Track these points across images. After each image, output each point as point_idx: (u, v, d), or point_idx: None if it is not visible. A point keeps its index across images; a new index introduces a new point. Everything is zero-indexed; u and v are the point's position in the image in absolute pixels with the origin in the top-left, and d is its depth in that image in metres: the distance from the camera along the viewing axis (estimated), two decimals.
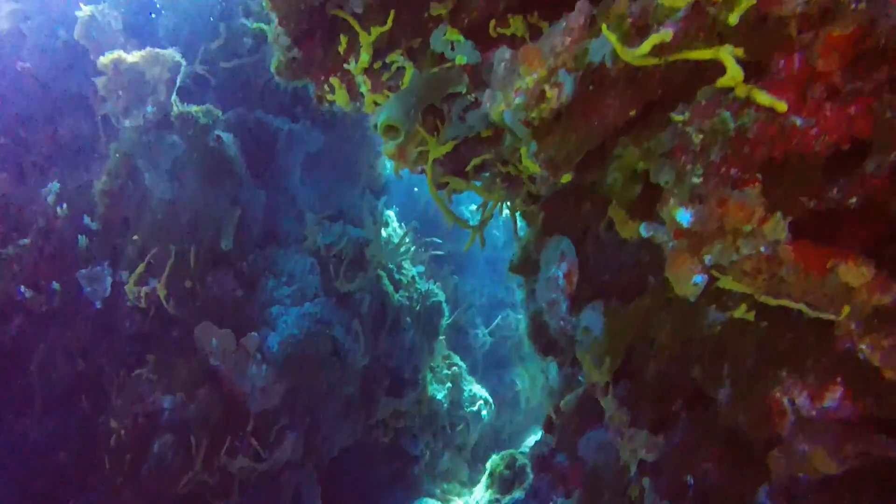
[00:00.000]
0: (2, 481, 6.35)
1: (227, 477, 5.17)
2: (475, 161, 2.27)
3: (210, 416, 4.95)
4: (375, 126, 1.81)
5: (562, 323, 2.64)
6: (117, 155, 5.17)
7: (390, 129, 1.79)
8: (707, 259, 1.47)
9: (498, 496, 6.04)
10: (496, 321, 8.58)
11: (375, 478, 6.46)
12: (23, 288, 5.15)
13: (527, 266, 3.02)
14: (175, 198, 5.04)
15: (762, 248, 1.39)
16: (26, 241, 5.18)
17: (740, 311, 1.71)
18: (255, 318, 5.11)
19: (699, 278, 1.51)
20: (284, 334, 4.93)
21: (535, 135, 1.68)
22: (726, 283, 1.53)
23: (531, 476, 5.90)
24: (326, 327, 5.05)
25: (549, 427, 4.48)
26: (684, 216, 1.45)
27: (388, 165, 6.54)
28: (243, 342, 4.95)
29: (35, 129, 5.58)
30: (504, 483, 6.09)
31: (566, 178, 1.80)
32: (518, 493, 5.85)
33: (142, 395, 5.00)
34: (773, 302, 1.48)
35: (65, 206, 5.24)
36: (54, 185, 5.32)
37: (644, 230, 1.64)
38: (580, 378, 3.30)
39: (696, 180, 1.43)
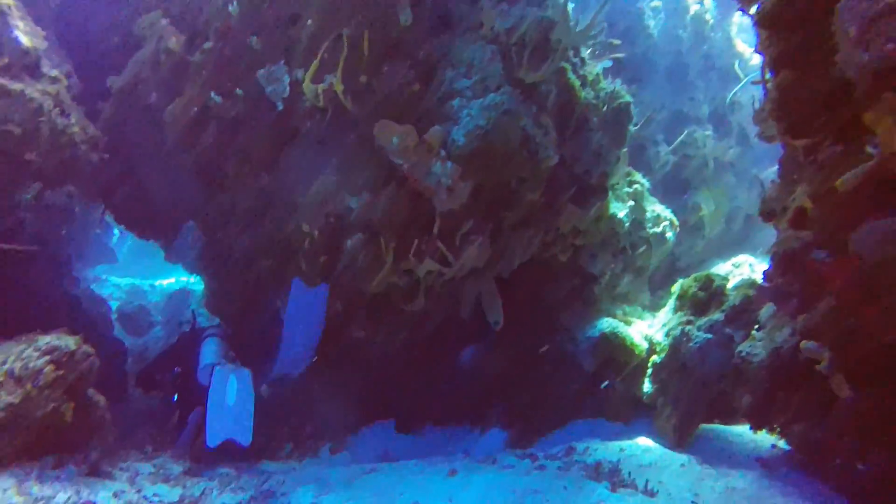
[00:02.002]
0: (214, 282, 7.11)
1: (415, 280, 5.17)
2: None
3: (397, 216, 4.83)
4: None
5: None
6: None
7: None
8: None
9: (690, 318, 5.52)
10: (680, 138, 7.51)
11: (553, 294, 6.23)
12: (213, 93, 5.16)
13: None
14: None
15: None
16: (209, 44, 5.08)
17: None
18: (434, 113, 4.70)
19: None
20: (470, 126, 4.48)
21: None
22: None
23: (731, 297, 5.26)
24: (515, 118, 4.51)
25: (798, 220, 3.72)
26: None
27: None
28: (425, 138, 4.60)
29: None
30: (698, 305, 5.52)
31: None
32: (716, 315, 5.25)
33: (328, 198, 4.97)
34: None
35: (235, 3, 4.98)
36: None
37: None
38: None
39: None
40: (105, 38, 7.29)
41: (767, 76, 3.46)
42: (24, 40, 5.28)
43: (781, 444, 4.35)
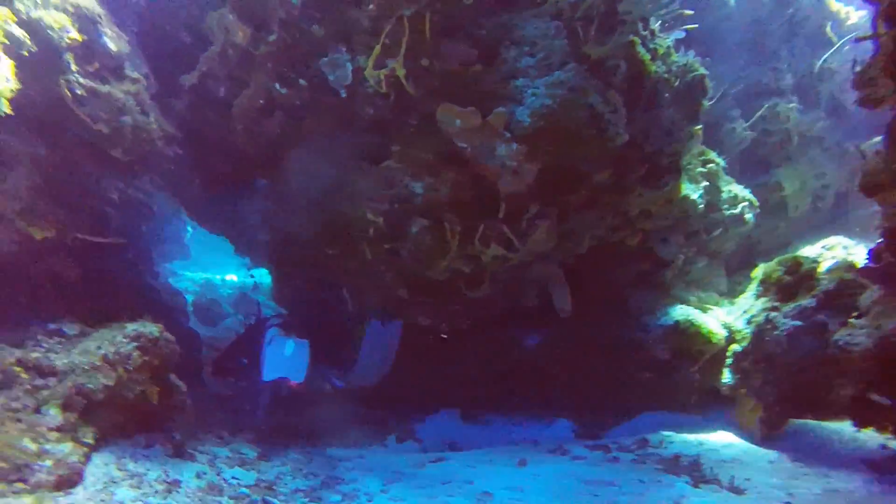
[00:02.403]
0: (279, 274, 7.27)
1: (480, 266, 5.07)
2: None
3: (461, 200, 4.74)
4: None
5: None
6: None
7: None
8: None
9: (776, 304, 5.14)
10: (759, 112, 7.01)
11: (622, 280, 5.99)
12: (278, 85, 5.24)
13: None
14: None
15: None
16: (273, 36, 5.15)
17: None
18: (497, 93, 4.56)
19: None
20: (535, 105, 4.31)
21: None
22: None
23: (824, 281, 4.83)
24: (582, 95, 4.31)
25: None
26: None
27: None
28: (489, 119, 4.47)
29: None
30: (784, 290, 5.13)
31: None
32: (806, 300, 4.84)
33: (392, 183, 4.93)
34: None
35: None
36: None
37: None
38: None
39: None
40: (177, 38, 7.57)
41: (881, 29, 3.08)
42: (111, 45, 5.55)
43: (894, 444, 3.97)
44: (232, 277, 15.24)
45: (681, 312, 5.53)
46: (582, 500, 3.71)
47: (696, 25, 6.08)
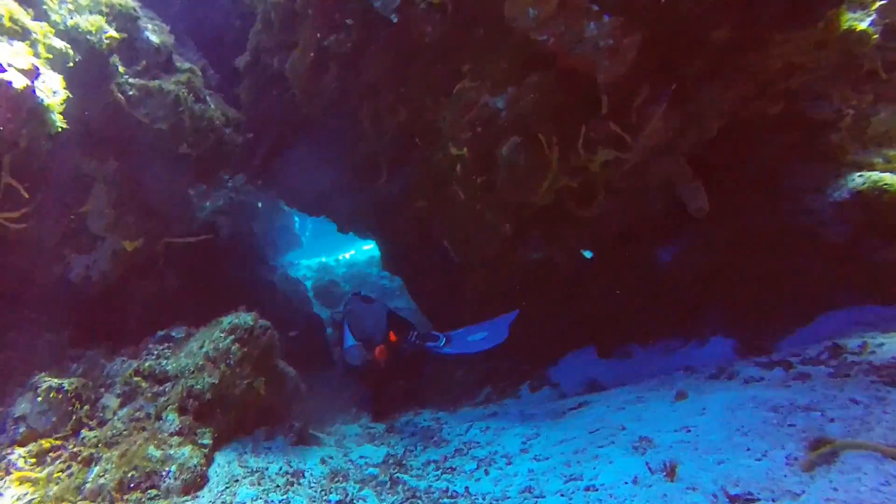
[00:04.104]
0: (382, 241, 6.96)
1: (589, 178, 4.29)
2: None
3: (553, 105, 3.95)
4: None
5: None
6: None
7: None
8: None
9: None
10: None
11: (769, 160, 4.87)
12: (324, 34, 4.73)
13: None
14: None
15: None
16: None
17: None
18: None
19: None
20: None
21: None
22: None
23: None
24: None
25: None
26: None
27: None
28: None
29: None
30: None
31: None
32: None
33: (469, 105, 4.25)
34: None
35: None
36: None
37: None
38: None
39: None
40: (228, 24, 7.34)
41: None
42: (154, 38, 5.34)
43: None
44: (347, 255, 15.60)
45: (861, 179, 4.34)
46: (774, 436, 2.92)
47: None
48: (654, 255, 5.50)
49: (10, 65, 3.38)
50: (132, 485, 2.91)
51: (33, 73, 3.55)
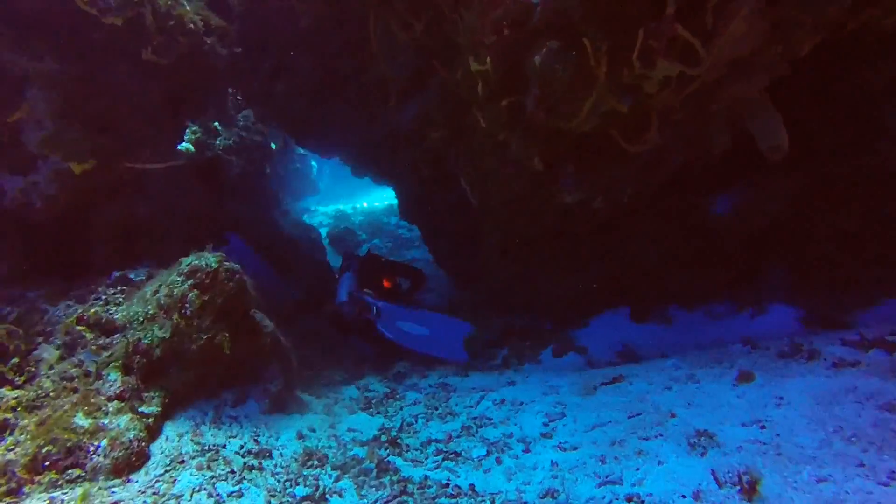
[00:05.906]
0: (396, 186, 6.21)
1: (644, 101, 3.40)
2: None
3: (602, 1, 3.04)
4: None
5: None
6: None
7: None
8: None
9: None
10: None
11: (872, 88, 3.91)
12: None
13: None
14: None
15: None
16: None
17: None
18: None
19: None
20: None
21: None
22: None
23: None
24: None
25: None
26: None
27: None
28: None
29: None
30: None
31: None
32: None
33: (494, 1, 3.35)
34: None
35: None
36: None
37: None
38: None
39: None
40: None
41: None
42: None
43: None
44: (365, 204, 15.04)
45: None
46: None
47: None
48: (707, 203, 4.64)
49: None
50: (47, 462, 2.30)
51: None
